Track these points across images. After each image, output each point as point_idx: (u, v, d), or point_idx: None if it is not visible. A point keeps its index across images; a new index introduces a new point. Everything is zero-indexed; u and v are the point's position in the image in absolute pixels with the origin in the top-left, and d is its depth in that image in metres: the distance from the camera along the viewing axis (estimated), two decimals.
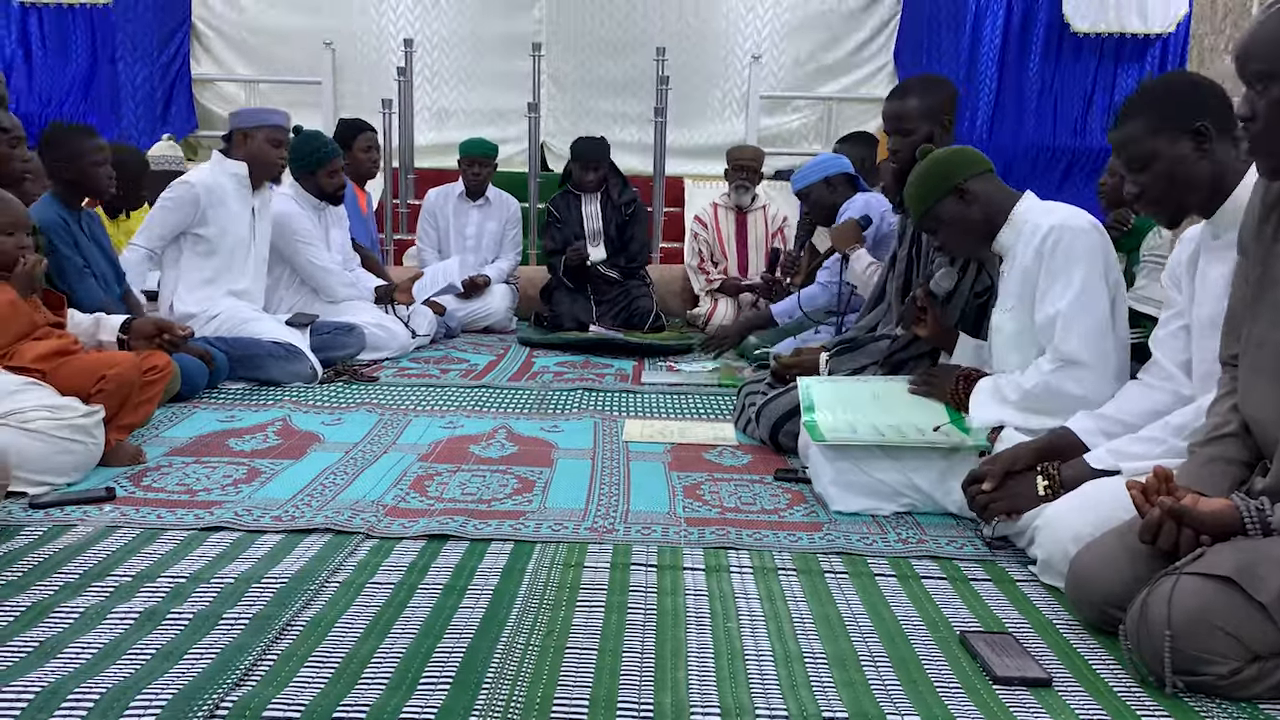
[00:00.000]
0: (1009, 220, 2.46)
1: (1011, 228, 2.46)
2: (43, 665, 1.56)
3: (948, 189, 2.47)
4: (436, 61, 7.63)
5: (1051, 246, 2.32)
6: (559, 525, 2.33)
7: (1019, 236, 2.43)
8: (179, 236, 3.99)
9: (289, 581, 1.94)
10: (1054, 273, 2.31)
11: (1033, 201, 2.49)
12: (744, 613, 1.87)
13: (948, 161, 2.51)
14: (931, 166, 2.52)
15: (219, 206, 3.98)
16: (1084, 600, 1.81)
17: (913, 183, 2.55)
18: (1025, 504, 2.11)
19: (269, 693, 1.49)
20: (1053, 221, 2.34)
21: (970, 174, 2.48)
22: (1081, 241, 2.31)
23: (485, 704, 1.49)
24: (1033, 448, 2.18)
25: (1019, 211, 2.46)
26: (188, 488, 2.54)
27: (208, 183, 3.98)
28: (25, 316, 2.61)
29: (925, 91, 2.96)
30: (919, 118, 2.92)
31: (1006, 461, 2.17)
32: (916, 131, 2.92)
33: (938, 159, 2.53)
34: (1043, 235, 2.33)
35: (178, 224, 3.96)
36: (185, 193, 3.94)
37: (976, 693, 1.58)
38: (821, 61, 7.70)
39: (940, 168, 2.50)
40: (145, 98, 7.45)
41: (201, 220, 3.95)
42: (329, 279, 4.55)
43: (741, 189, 5.70)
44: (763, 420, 3.10)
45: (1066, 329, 2.28)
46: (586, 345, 4.97)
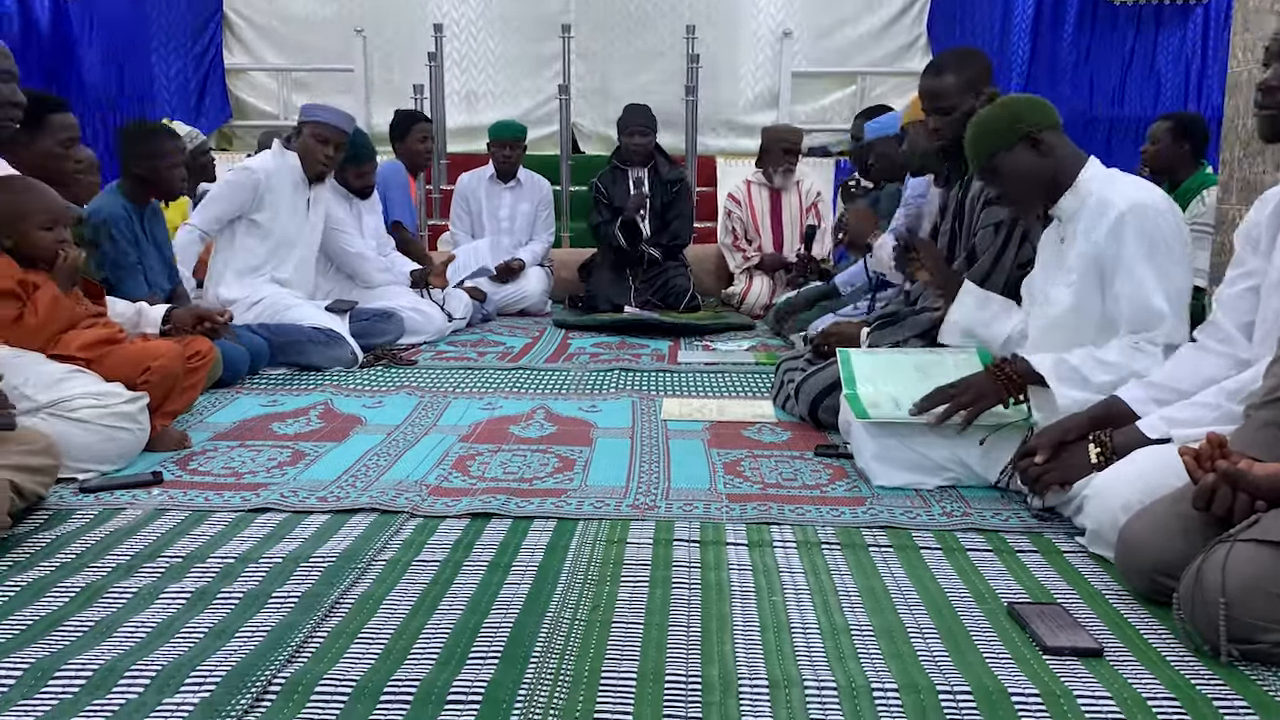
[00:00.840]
0: (1074, 185, 2.36)
1: (1075, 194, 2.36)
2: (99, 644, 1.58)
3: (1017, 136, 2.34)
4: (466, 45, 7.64)
5: (1136, 231, 2.22)
6: (601, 503, 2.33)
7: (1083, 205, 2.34)
8: (233, 221, 4.04)
9: (336, 560, 1.95)
10: (1135, 258, 2.22)
11: (1098, 169, 2.39)
12: (788, 586, 1.87)
13: (1021, 108, 2.38)
14: (1002, 111, 2.39)
15: (276, 194, 4.04)
16: (1134, 569, 1.79)
17: (978, 124, 2.42)
18: (1078, 474, 2.09)
19: (320, 669, 1.51)
20: (1130, 200, 2.24)
21: (1044, 124, 2.36)
22: (1165, 224, 2.23)
23: (534, 677, 1.50)
24: (1083, 418, 2.15)
25: (1084, 178, 2.36)
26: (233, 471, 2.57)
27: (269, 169, 4.04)
28: (67, 310, 2.63)
29: (961, 66, 2.90)
30: (957, 93, 2.87)
31: (1058, 433, 2.14)
32: (957, 108, 2.87)
33: (1010, 104, 2.40)
34: (1118, 214, 2.24)
35: (236, 208, 4.02)
36: (246, 178, 4.00)
37: (1027, 663, 1.57)
38: (853, 36, 7.62)
39: (1012, 113, 2.37)
40: (180, 88, 7.53)
41: (258, 206, 4.02)
42: (364, 265, 4.60)
43: (787, 172, 5.66)
44: (802, 396, 3.08)
45: (1162, 318, 2.22)
46: (622, 326, 4.97)
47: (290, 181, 4.10)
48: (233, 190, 4.01)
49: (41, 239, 2.57)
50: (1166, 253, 2.24)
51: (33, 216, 2.56)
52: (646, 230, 5.54)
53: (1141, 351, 2.23)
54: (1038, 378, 2.31)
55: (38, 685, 1.44)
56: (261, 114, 7.81)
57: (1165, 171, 4.49)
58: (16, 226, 2.55)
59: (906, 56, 7.52)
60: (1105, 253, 2.28)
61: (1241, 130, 3.43)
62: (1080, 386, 2.24)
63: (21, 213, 2.56)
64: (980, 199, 2.84)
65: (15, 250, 2.57)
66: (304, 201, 4.16)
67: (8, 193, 2.57)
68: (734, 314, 5.49)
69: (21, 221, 2.55)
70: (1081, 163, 2.39)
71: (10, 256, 2.57)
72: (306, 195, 4.17)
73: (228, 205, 4.03)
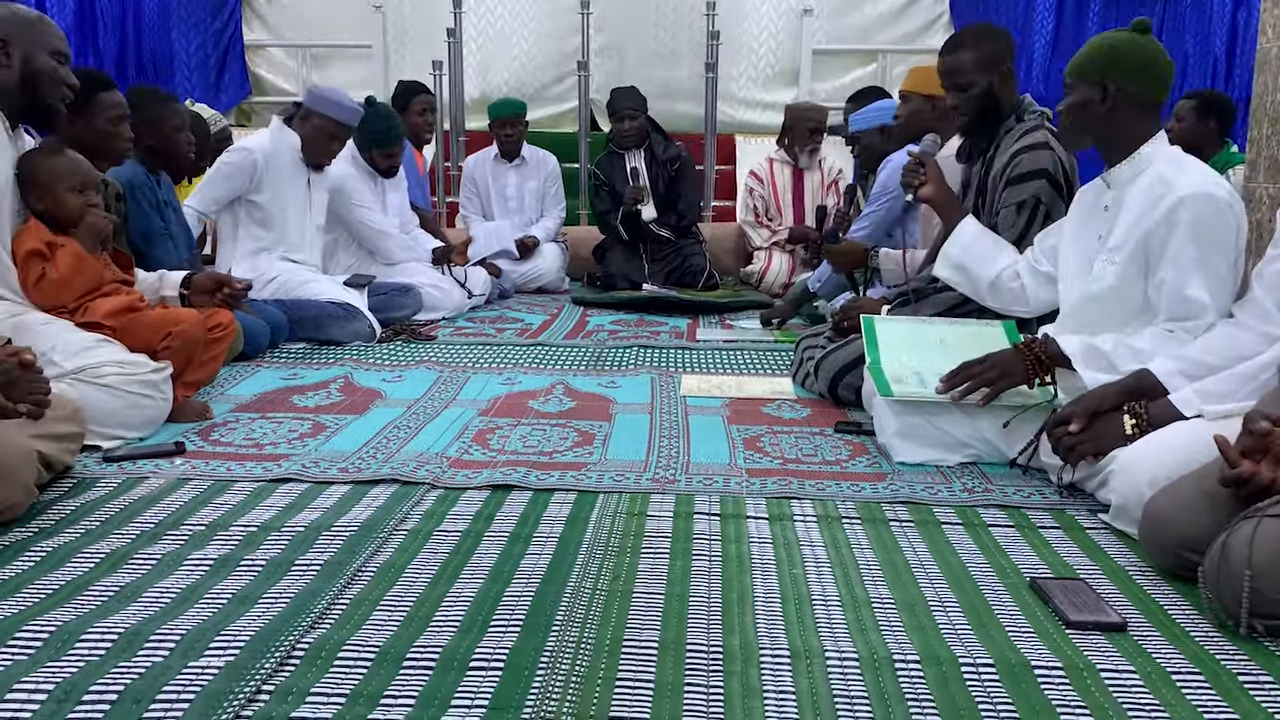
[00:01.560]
0: (1133, 155, 2.30)
1: (1131, 164, 2.30)
2: (124, 609, 1.60)
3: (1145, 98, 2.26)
4: (484, 21, 7.60)
5: (1191, 220, 2.15)
6: (620, 476, 2.33)
7: (1136, 178, 2.29)
8: (234, 203, 4.03)
9: (358, 530, 1.96)
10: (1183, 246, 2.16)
11: (1161, 145, 2.30)
12: (809, 560, 1.87)
13: (1161, 71, 2.28)
14: (1149, 61, 2.27)
15: (275, 174, 4.01)
16: (1159, 544, 1.78)
17: (1119, 48, 2.28)
18: (1112, 443, 2.06)
19: (344, 635, 1.52)
20: (1193, 188, 2.17)
21: (1152, 98, 2.27)
22: (1222, 218, 2.16)
23: (556, 645, 1.50)
24: (1116, 389, 2.12)
25: (1145, 151, 2.29)
26: (255, 442, 2.58)
27: (266, 149, 4.01)
28: (93, 270, 2.67)
29: (979, 42, 2.86)
30: (974, 70, 2.84)
31: (1092, 402, 2.12)
32: (975, 85, 2.84)
33: (1156, 59, 2.28)
34: (1177, 199, 2.17)
35: (234, 189, 4.00)
36: (243, 159, 3.98)
37: (1049, 637, 1.57)
38: (874, 13, 7.55)
39: (1153, 70, 2.27)
40: (199, 65, 7.52)
41: (257, 187, 3.99)
42: (385, 241, 4.60)
43: (812, 151, 5.62)
44: (822, 373, 3.07)
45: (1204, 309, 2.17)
46: (640, 304, 4.96)
47: (289, 160, 4.06)
48: (231, 171, 3.98)
49: (71, 200, 2.62)
50: (1218, 246, 2.16)
51: (63, 180, 2.62)
52: (653, 213, 5.50)
53: (1175, 341, 2.18)
54: (1066, 360, 2.29)
55: (64, 648, 1.45)
56: (280, 90, 7.80)
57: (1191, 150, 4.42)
58: (49, 190, 2.61)
59: (928, 34, 7.43)
60: (1155, 235, 2.21)
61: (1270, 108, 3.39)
62: (1109, 372, 2.21)
63: (53, 176, 2.61)
64: (1003, 176, 2.81)
65: (46, 214, 2.62)
66: (304, 179, 4.13)
67: (40, 157, 2.63)
68: (753, 292, 5.47)
69: (53, 185, 2.61)
70: (1147, 136, 2.30)
71: (42, 220, 2.61)
72: (306, 174, 4.14)
73: (225, 187, 4.00)
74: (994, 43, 2.86)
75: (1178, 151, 2.33)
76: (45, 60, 2.51)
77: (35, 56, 2.50)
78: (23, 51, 2.48)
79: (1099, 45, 2.32)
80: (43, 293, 2.58)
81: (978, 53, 2.84)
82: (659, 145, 5.58)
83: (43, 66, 2.51)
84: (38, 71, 2.50)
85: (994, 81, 2.84)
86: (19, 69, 2.48)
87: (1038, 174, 2.72)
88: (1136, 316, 2.30)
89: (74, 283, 2.61)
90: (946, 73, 2.91)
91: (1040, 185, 2.72)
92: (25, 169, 2.59)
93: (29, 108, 2.55)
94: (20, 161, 2.59)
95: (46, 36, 2.53)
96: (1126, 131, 2.30)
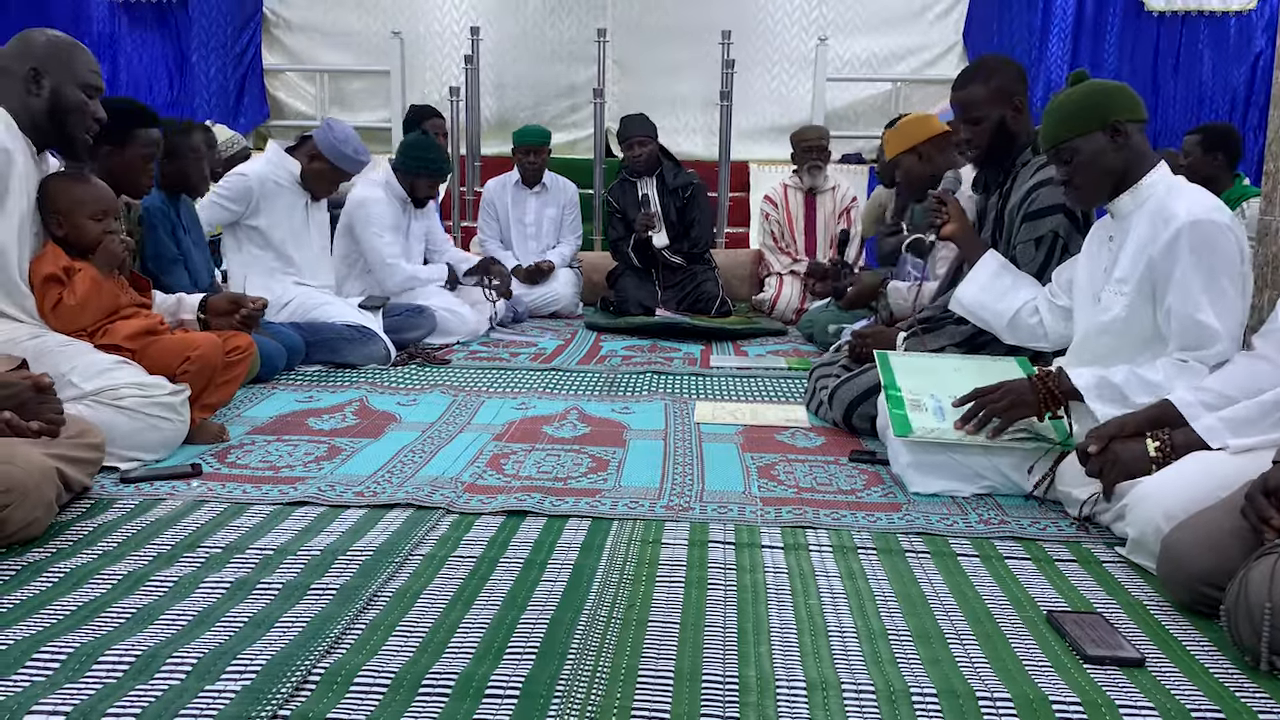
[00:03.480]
0: (1136, 186, 2.32)
1: (1135, 195, 2.33)
2: (141, 631, 1.60)
3: (1101, 123, 2.29)
4: (501, 48, 7.67)
5: (1194, 246, 2.16)
6: (635, 503, 2.33)
7: (1140, 208, 2.31)
8: (234, 226, 4.02)
9: (373, 554, 1.97)
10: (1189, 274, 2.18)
11: (1164, 174, 2.33)
12: (825, 590, 1.86)
13: (1109, 95, 2.32)
14: (1090, 94, 2.32)
15: (271, 199, 3.99)
16: (1177, 579, 1.77)
17: (1063, 107, 2.34)
18: (1137, 468, 2.03)
19: (359, 660, 1.52)
20: (1193, 214, 2.19)
21: (1130, 116, 2.30)
22: (1226, 242, 2.18)
23: (571, 674, 1.50)
24: (1137, 419, 2.10)
25: (1148, 181, 2.32)
26: (271, 465, 2.59)
27: (262, 174, 3.99)
28: (110, 294, 2.68)
29: (989, 75, 2.87)
30: (986, 103, 2.85)
31: (1112, 428, 2.11)
32: (987, 118, 2.85)
33: (1098, 89, 2.33)
34: (1179, 227, 2.18)
35: (229, 215, 4.00)
36: (239, 184, 3.97)
37: (1067, 671, 1.56)
38: (888, 42, 7.59)
39: (1100, 99, 2.31)
40: (219, 89, 7.61)
41: (254, 212, 3.98)
42: (388, 272, 4.56)
43: (815, 169, 5.65)
44: (836, 402, 3.07)
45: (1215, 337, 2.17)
46: (653, 330, 4.97)
47: (286, 186, 4.04)
48: (228, 196, 3.97)
49: (90, 228, 2.64)
50: (1224, 271, 2.17)
51: (84, 206, 2.63)
52: (664, 240, 5.52)
53: (1189, 371, 2.18)
54: (1078, 394, 2.28)
55: (81, 670, 1.46)
56: (299, 114, 7.89)
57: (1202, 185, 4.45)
58: (69, 216, 2.62)
59: (942, 63, 7.48)
60: (1160, 264, 2.23)
61: None
62: (1121, 405, 2.21)
63: (74, 204, 2.63)
64: (1020, 210, 2.81)
65: (66, 240, 2.64)
66: (302, 204, 4.11)
67: (62, 183, 2.64)
68: (766, 319, 5.48)
69: (74, 211, 2.62)
70: (1150, 165, 2.34)
71: (60, 245, 2.63)
72: (304, 198, 4.12)
73: (222, 211, 4.00)
74: (1005, 75, 2.87)
75: (1180, 180, 2.35)
76: (75, 93, 2.53)
77: (65, 89, 2.51)
78: (54, 82, 2.50)
79: (1076, 101, 2.34)
80: (60, 318, 2.59)
81: (989, 86, 2.85)
82: (670, 173, 5.60)
83: (72, 99, 2.52)
84: (67, 104, 2.52)
85: (1006, 114, 2.85)
86: (48, 99, 2.50)
87: (1055, 209, 2.72)
88: (1147, 346, 2.30)
89: (90, 307, 2.63)
90: (958, 106, 2.92)
91: (1058, 220, 2.73)
92: (46, 194, 2.61)
93: (55, 136, 2.57)
94: (41, 186, 2.61)
95: (79, 69, 2.54)
96: (1138, 160, 2.33)
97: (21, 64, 2.48)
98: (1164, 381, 2.19)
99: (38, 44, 2.51)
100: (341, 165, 4.06)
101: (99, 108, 2.61)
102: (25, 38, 2.53)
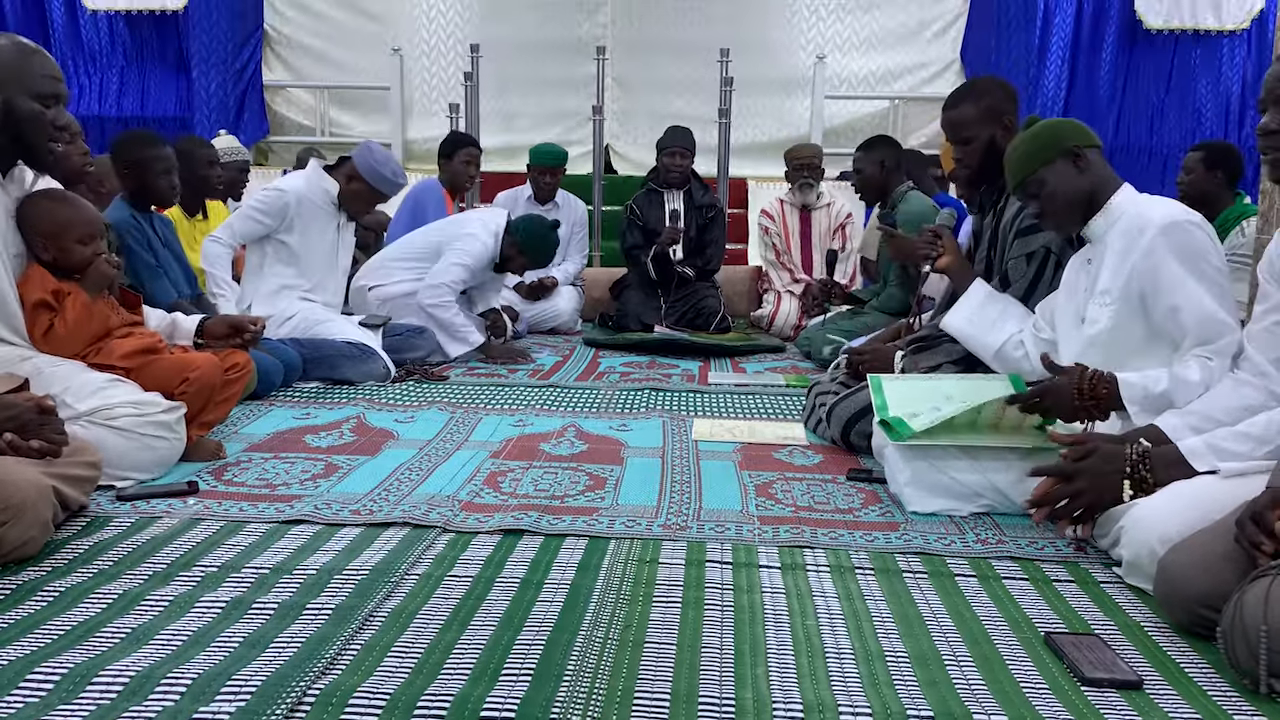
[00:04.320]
0: (1106, 207, 2.40)
1: (1106, 216, 2.40)
2: (135, 651, 1.60)
3: (1060, 151, 2.39)
4: (501, 66, 7.70)
5: (1174, 247, 2.22)
6: (632, 522, 2.33)
7: (1112, 226, 2.37)
8: (263, 240, 4.05)
9: (369, 574, 1.96)
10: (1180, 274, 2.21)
11: (1130, 193, 2.42)
12: (822, 611, 1.86)
13: (1062, 126, 2.46)
14: (1044, 129, 2.45)
15: (305, 217, 4.03)
16: (1174, 601, 1.77)
17: (1021, 144, 2.46)
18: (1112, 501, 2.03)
19: (354, 681, 1.51)
20: (1165, 217, 2.26)
21: (1085, 143, 2.42)
22: (1199, 237, 2.24)
23: (567, 696, 1.49)
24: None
25: (1116, 201, 2.40)
26: (267, 482, 2.58)
27: (300, 191, 4.02)
28: (100, 318, 2.66)
29: (979, 96, 2.91)
30: (976, 123, 2.88)
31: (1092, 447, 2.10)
32: (977, 138, 2.89)
33: (1051, 123, 2.47)
34: (1154, 231, 2.24)
35: (264, 228, 4.01)
36: (276, 199, 3.99)
37: (1064, 694, 1.55)
38: (886, 60, 7.63)
39: (1054, 131, 2.43)
40: (219, 104, 7.63)
41: (287, 228, 4.01)
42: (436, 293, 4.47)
43: (806, 186, 5.69)
44: (834, 420, 3.07)
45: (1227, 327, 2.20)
46: (652, 346, 4.97)
47: (321, 204, 4.07)
48: (264, 210, 3.99)
49: (79, 252, 2.59)
50: (1210, 264, 2.23)
51: (71, 230, 2.58)
52: (679, 255, 5.55)
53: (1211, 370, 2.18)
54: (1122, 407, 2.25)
55: (75, 690, 1.45)
56: (299, 129, 7.91)
57: (1202, 202, 4.47)
58: (56, 240, 2.57)
59: (940, 81, 7.51)
60: (1143, 270, 2.27)
61: None
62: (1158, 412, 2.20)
63: (60, 227, 2.57)
64: (1013, 227, 2.83)
65: (53, 263, 2.59)
66: (334, 224, 4.14)
67: (47, 206, 2.58)
68: (764, 336, 5.48)
69: (60, 235, 2.57)
70: (1115, 187, 2.42)
71: (46, 269, 2.59)
72: (338, 218, 4.16)
73: (255, 225, 4.02)
74: (995, 95, 2.90)
75: (1144, 195, 2.42)
76: (28, 104, 2.38)
77: (16, 100, 2.37)
78: (4, 96, 2.35)
79: (1031, 138, 2.45)
80: (51, 344, 2.55)
81: (978, 106, 2.88)
82: (698, 191, 5.67)
83: (24, 110, 2.38)
84: (19, 115, 2.38)
85: (996, 134, 2.87)
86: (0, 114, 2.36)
87: None
88: (1142, 354, 2.31)
89: (82, 333, 2.60)
90: (949, 126, 2.96)
91: (1049, 236, 2.74)
92: (30, 218, 2.53)
93: (15, 151, 2.46)
94: (24, 208, 2.53)
95: (31, 78, 2.39)
96: (1102, 182, 2.41)
97: None
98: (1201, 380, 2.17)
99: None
100: (380, 187, 4.08)
101: (60, 114, 2.46)
102: None
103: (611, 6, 7.66)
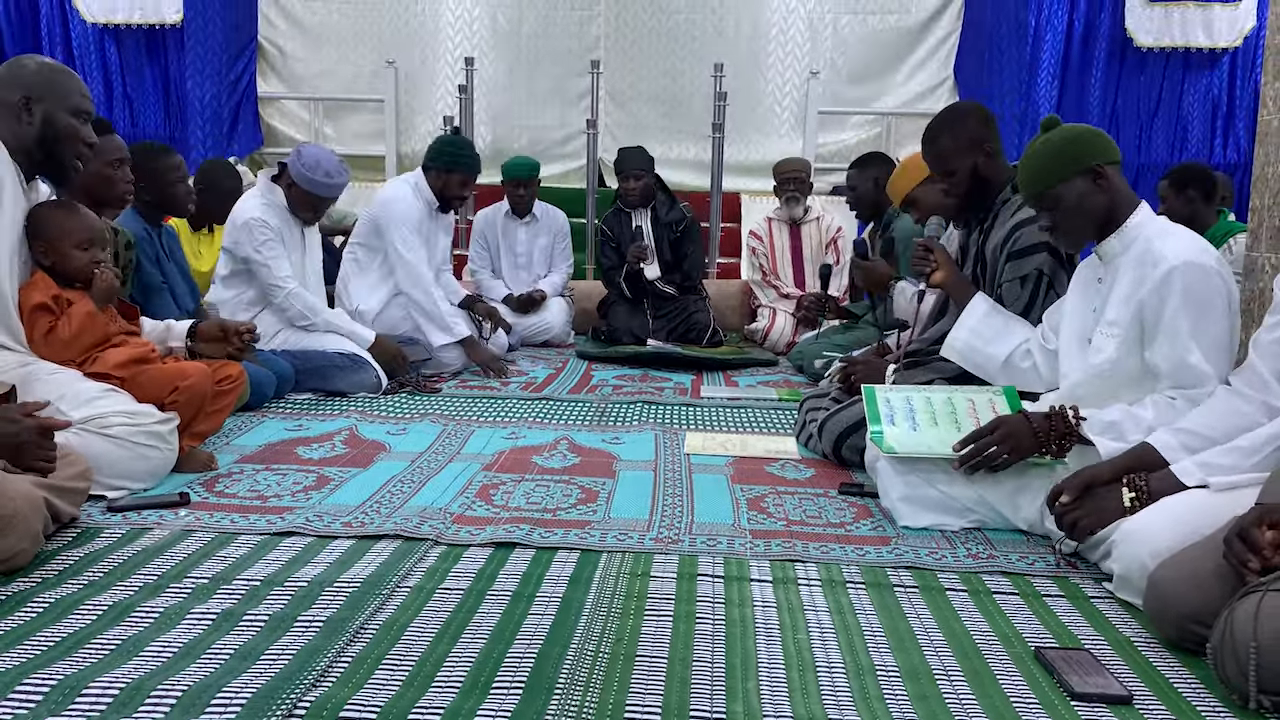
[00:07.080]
0: (1122, 228, 2.35)
1: (1121, 237, 2.35)
2: (125, 663, 1.59)
3: (1081, 168, 2.32)
4: (495, 78, 7.71)
5: (1183, 290, 2.18)
6: (624, 535, 2.33)
7: (1127, 250, 2.33)
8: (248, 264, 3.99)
9: (361, 586, 1.96)
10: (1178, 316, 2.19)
11: (1147, 215, 2.36)
12: (813, 625, 1.86)
13: (1084, 139, 2.35)
14: (1066, 142, 2.34)
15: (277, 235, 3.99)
16: (1165, 616, 1.77)
17: (1040, 155, 2.36)
18: (1111, 516, 2.05)
19: (345, 694, 1.51)
20: (1181, 258, 2.21)
21: (1106, 159, 2.34)
22: (1213, 284, 2.20)
23: (558, 709, 1.49)
24: (1114, 465, 2.12)
25: (1133, 222, 2.35)
26: (259, 494, 2.58)
27: (265, 211, 3.97)
28: (101, 327, 2.68)
29: (954, 126, 2.89)
30: (956, 155, 2.87)
31: (1087, 476, 2.12)
32: (959, 169, 2.88)
33: (1074, 135, 2.36)
34: (1168, 270, 2.20)
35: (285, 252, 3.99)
36: (268, 230, 3.93)
37: (1054, 709, 1.56)
38: (880, 76, 7.67)
39: (1076, 145, 2.34)
40: (213, 116, 7.62)
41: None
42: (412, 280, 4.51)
43: (792, 200, 5.71)
44: (826, 434, 3.08)
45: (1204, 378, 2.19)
46: (645, 359, 4.98)
47: (280, 216, 4.01)
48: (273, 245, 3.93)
49: (77, 258, 2.63)
50: (1212, 312, 2.20)
51: (71, 236, 2.63)
52: (656, 272, 5.54)
53: (1175, 410, 2.19)
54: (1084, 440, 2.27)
55: (64, 702, 1.45)
56: (293, 141, 7.90)
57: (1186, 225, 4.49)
58: (56, 245, 2.62)
59: (933, 98, 7.54)
60: (1150, 306, 2.24)
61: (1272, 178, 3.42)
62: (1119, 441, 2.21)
63: (60, 232, 2.62)
64: (1003, 250, 2.83)
65: (53, 269, 2.64)
66: (298, 230, 4.10)
67: (50, 212, 2.64)
68: (757, 350, 5.49)
69: (61, 241, 2.62)
70: (1133, 206, 2.37)
71: (48, 274, 2.63)
72: (298, 225, 4.11)
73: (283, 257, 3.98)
74: (969, 123, 2.88)
75: (1165, 221, 2.37)
76: (66, 119, 2.52)
77: (56, 115, 2.50)
78: (44, 110, 2.49)
79: (1053, 148, 2.36)
80: (50, 347, 2.58)
81: (955, 137, 2.88)
82: (663, 206, 5.63)
83: (63, 125, 2.51)
84: (58, 130, 2.51)
85: (978, 161, 2.87)
86: (39, 127, 2.49)
87: (1039, 247, 2.74)
88: (1137, 386, 2.32)
89: (83, 339, 2.63)
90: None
91: (1042, 258, 2.75)
92: (33, 223, 2.60)
93: (45, 164, 2.56)
94: (29, 214, 2.60)
95: (70, 95, 2.53)
96: (1122, 201, 2.36)
97: (11, 92, 2.48)
98: (1154, 419, 2.20)
99: (28, 71, 2.51)
100: (315, 191, 4.00)
101: (90, 132, 2.60)
102: (15, 65, 2.53)
103: (605, 20, 7.68)
